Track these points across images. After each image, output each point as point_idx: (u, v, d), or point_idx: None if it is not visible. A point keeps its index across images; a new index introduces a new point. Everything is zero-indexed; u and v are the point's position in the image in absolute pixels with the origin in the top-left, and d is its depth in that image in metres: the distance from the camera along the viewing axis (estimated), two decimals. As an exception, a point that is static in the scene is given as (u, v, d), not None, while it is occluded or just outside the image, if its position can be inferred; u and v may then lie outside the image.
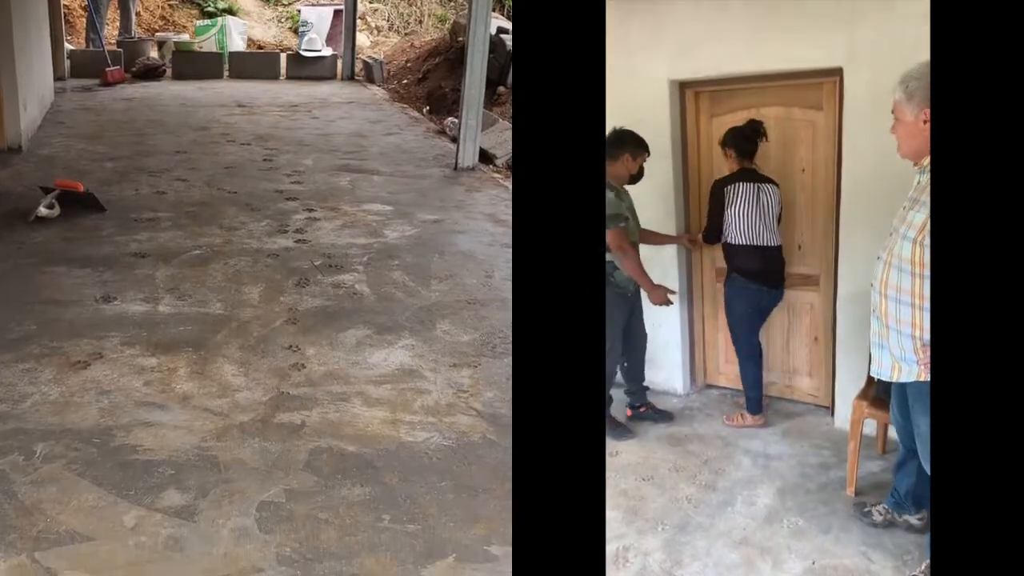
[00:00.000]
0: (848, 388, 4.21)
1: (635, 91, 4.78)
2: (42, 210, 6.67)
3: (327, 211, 7.33)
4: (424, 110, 12.79)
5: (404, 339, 4.88)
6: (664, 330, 5.02)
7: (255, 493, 3.38)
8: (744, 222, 4.30)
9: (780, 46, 4.31)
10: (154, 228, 6.65)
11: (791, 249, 4.67)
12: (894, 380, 2.91)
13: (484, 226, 7.16)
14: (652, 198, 4.83)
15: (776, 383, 4.84)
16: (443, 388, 4.32)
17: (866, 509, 3.50)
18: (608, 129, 4.20)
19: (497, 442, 3.82)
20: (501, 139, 10.00)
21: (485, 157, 9.58)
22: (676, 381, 5.10)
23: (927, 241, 2.59)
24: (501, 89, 12.11)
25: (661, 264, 4.93)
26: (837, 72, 4.20)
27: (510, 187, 8.21)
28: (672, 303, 4.42)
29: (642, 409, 4.60)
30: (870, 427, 3.93)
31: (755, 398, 4.50)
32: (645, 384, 4.70)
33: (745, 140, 4.35)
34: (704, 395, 5.03)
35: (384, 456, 3.68)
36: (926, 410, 2.84)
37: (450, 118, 11.15)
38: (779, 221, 4.41)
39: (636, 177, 4.38)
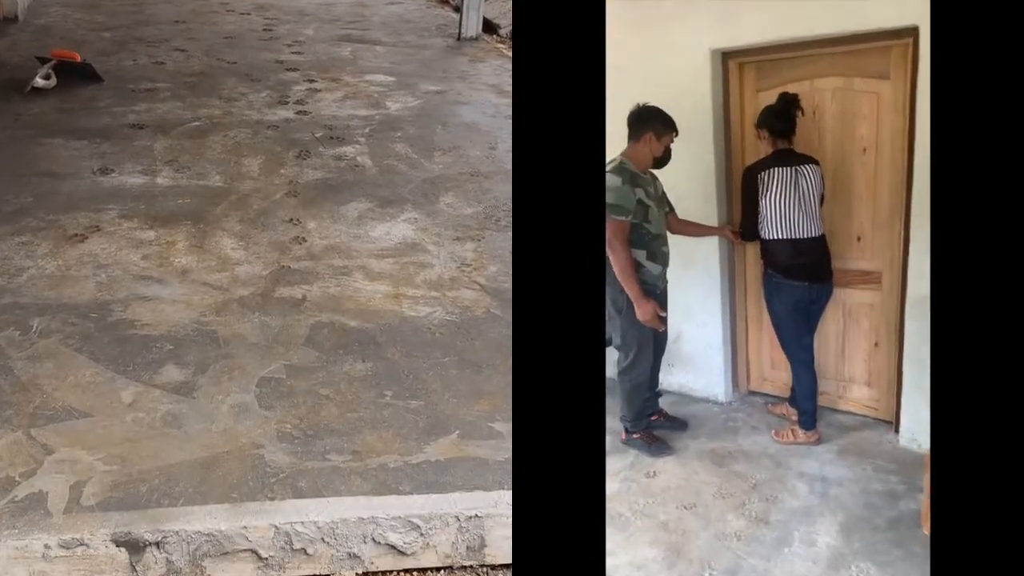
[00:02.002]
0: (916, 402, 3.52)
1: (671, 63, 3.91)
2: (39, 81, 6.35)
3: (328, 82, 6.97)
4: (427, -21, 12.16)
5: (407, 212, 4.64)
6: (705, 331, 4.19)
7: (255, 369, 3.21)
8: (780, 213, 3.48)
9: (839, 4, 3.41)
10: (152, 99, 6.32)
11: (849, 242, 3.79)
12: None
13: (487, 97, 6.81)
14: (691, 184, 3.98)
15: (828, 392, 3.97)
16: (446, 262, 4.10)
17: None
18: (632, 106, 3.52)
19: (500, 317, 3.64)
20: (505, 8, 9.50)
21: (489, 27, 9.12)
22: (717, 387, 4.23)
23: None
24: (505, -43, 11.47)
25: (703, 258, 4.09)
26: (911, 32, 3.31)
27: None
28: (663, 328, 3.63)
29: (654, 417, 3.89)
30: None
31: (809, 411, 3.68)
32: (658, 390, 3.99)
33: (777, 117, 3.53)
34: (748, 404, 4.20)
35: (386, 331, 3.50)
36: None
37: (453, -13, 10.59)
38: (821, 203, 3.61)
39: (662, 160, 3.58)
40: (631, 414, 3.71)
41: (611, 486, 3.23)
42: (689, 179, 3.95)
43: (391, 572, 2.51)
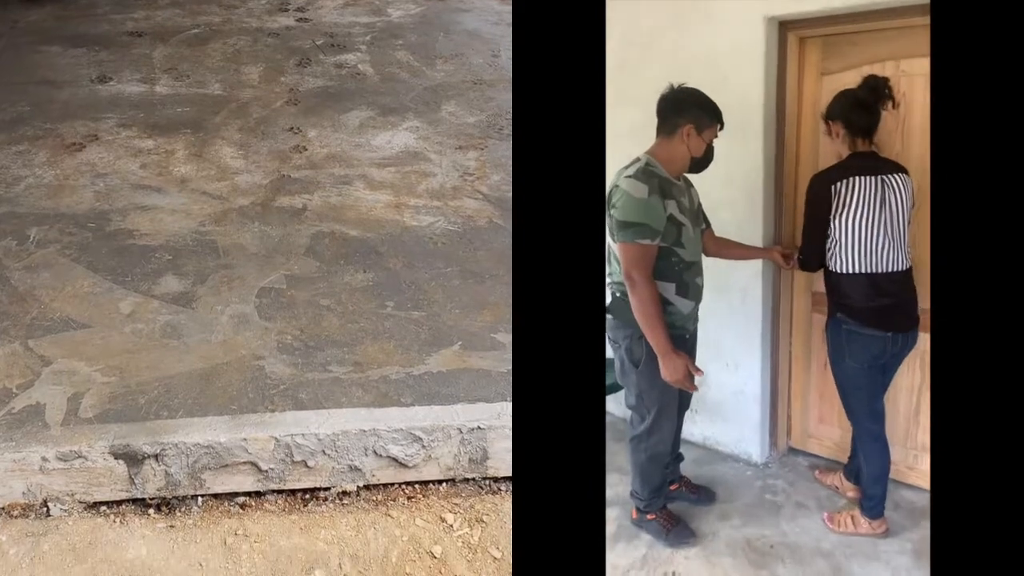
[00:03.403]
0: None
1: (715, 36, 2.89)
2: (35, -12, 6.03)
3: (329, -11, 6.63)
4: None
5: (408, 120, 4.41)
6: (739, 375, 3.17)
7: (255, 279, 3.05)
8: (860, 238, 2.48)
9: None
10: (151, 6, 6.00)
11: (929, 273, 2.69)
12: None
13: (490, 4, 6.47)
14: (730, 191, 2.95)
15: (895, 462, 2.86)
16: (448, 171, 3.90)
17: None
18: (665, 89, 2.51)
19: (503, 227, 3.46)
20: (508, -86, 9.02)
21: (491, -67, 8.67)
22: (751, 445, 3.19)
23: None
24: None
25: (740, 285, 3.06)
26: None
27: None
28: (696, 389, 2.58)
29: (674, 487, 2.92)
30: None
31: (878, 496, 2.68)
32: (679, 453, 2.99)
33: (860, 109, 2.50)
34: (789, 466, 3.16)
35: (388, 241, 3.33)
36: None
37: None
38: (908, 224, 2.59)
39: (702, 161, 2.54)
40: (646, 491, 2.73)
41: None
42: (728, 185, 2.92)
43: (392, 485, 2.40)
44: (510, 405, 2.48)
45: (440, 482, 2.43)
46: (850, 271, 2.52)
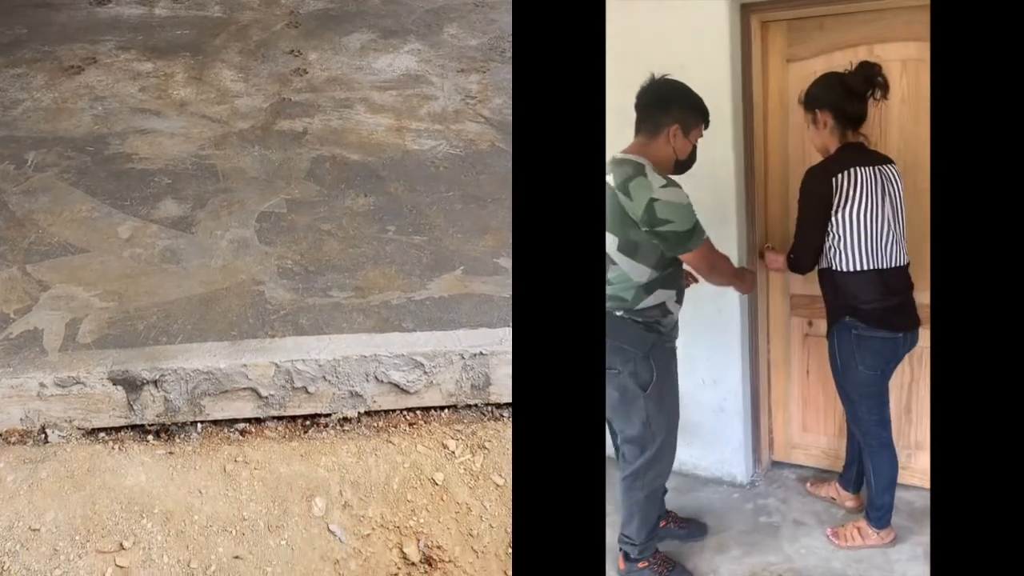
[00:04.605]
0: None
1: (674, 21, 2.49)
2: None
3: (330, -91, 6.30)
4: None
5: (410, 43, 4.19)
6: (717, 391, 2.75)
7: (255, 203, 2.90)
8: (866, 232, 2.21)
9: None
10: (150, -73, 5.71)
11: (922, 270, 2.38)
12: None
13: (493, -75, 6.16)
14: (700, 193, 2.32)
15: None
16: (450, 94, 3.71)
17: None
18: (645, 81, 2.14)
19: (506, 150, 3.29)
20: None
21: None
22: (735, 465, 2.80)
23: None
24: None
25: (717, 290, 2.41)
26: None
27: None
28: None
29: (661, 524, 2.45)
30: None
31: (887, 506, 2.42)
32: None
33: (849, 96, 2.19)
34: (777, 482, 2.79)
35: (389, 165, 3.17)
36: None
37: None
38: None
39: (686, 164, 2.20)
40: (642, 535, 2.28)
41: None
42: (693, 182, 2.30)
43: (394, 411, 2.29)
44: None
45: (442, 408, 2.32)
46: (857, 269, 2.24)
